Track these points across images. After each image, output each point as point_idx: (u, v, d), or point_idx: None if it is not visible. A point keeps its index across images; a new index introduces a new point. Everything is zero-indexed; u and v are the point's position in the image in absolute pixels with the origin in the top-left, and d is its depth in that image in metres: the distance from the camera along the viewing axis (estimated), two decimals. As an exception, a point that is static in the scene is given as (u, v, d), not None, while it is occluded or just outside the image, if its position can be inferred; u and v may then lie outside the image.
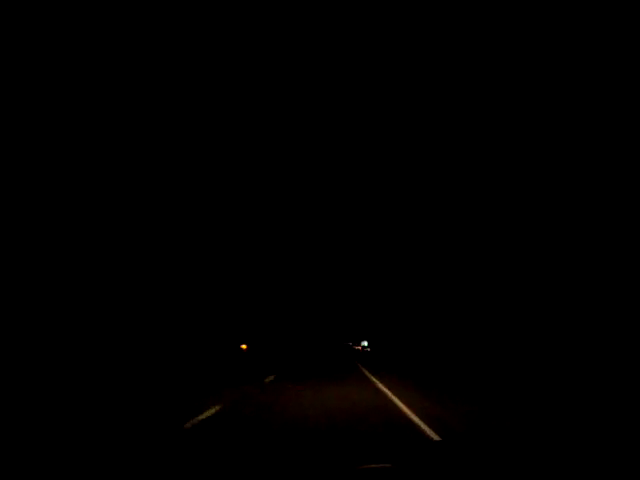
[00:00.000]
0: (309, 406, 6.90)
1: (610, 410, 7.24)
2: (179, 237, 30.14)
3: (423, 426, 5.39)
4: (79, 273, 20.43)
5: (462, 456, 1.99)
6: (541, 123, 20.38)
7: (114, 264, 22.89)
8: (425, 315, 37.98)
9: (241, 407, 6.89)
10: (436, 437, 4.77)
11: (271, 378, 11.64)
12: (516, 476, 1.69)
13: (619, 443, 4.60)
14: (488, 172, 24.16)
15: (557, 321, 18.25)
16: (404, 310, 46.68)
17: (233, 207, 40.16)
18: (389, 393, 9.05)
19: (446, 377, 14.48)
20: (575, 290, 17.68)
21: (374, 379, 12.79)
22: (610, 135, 17.21)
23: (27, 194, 18.31)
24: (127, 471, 1.70)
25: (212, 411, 6.07)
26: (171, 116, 26.84)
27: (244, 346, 42.35)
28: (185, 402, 7.05)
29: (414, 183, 34.16)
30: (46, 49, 19.24)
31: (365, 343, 77.19)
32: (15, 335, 15.46)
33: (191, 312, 33.16)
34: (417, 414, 6.24)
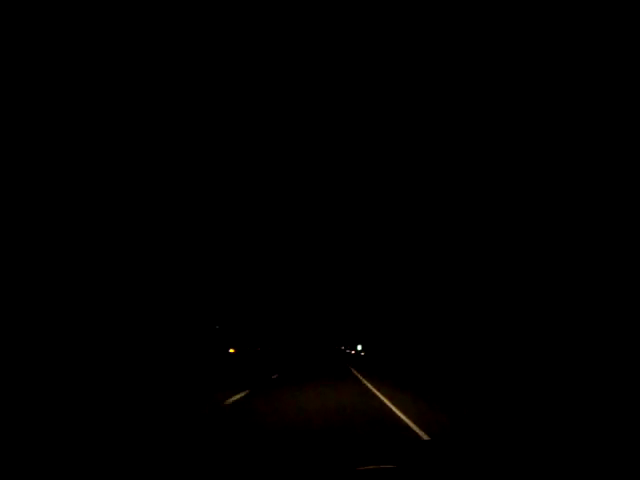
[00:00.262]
0: (307, 416, 7.19)
1: (603, 410, 7.62)
2: (170, 237, 30.31)
3: (414, 426, 5.76)
4: (65, 272, 20.54)
5: (450, 455, 2.21)
6: (541, 123, 20.70)
7: (102, 260, 23.02)
8: (419, 319, 38.28)
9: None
10: (425, 437, 5.15)
11: (243, 394, 9.23)
12: (506, 474, 1.79)
13: (610, 441, 4.94)
14: (485, 176, 24.51)
15: (551, 326, 18.60)
16: (398, 314, 46.96)
17: (227, 209, 40.35)
18: (383, 398, 9.38)
19: (439, 380, 14.83)
20: (572, 291, 17.99)
21: (370, 385, 13.07)
22: (610, 135, 17.54)
23: (26, 194, 18.53)
24: None
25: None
26: (171, 116, 27.08)
27: (232, 350, 42.02)
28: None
29: (409, 188, 34.50)
30: (46, 49, 19.47)
31: (359, 347, 77.14)
32: (16, 336, 15.63)
33: (180, 313, 33.19)
34: (408, 416, 6.61)
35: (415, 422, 6.12)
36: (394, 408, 7.64)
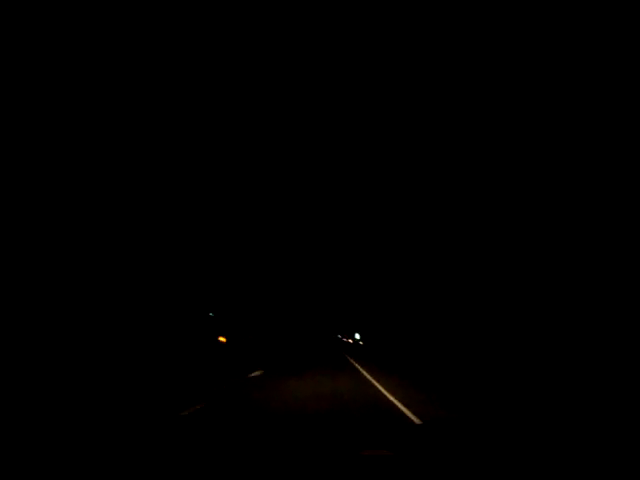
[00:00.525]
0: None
1: (601, 407, 7.85)
2: (167, 225, 30.46)
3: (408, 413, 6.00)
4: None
5: (441, 438, 2.33)
6: (541, 123, 20.81)
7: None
8: (418, 307, 38.57)
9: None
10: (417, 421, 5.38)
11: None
12: (492, 457, 1.88)
13: (607, 439, 5.11)
14: (487, 168, 24.65)
15: (551, 316, 18.84)
16: (397, 302, 47.26)
17: (223, 195, 40.47)
18: (384, 391, 9.60)
19: (440, 371, 15.13)
20: (570, 289, 18.21)
21: (368, 375, 13.29)
22: (610, 135, 17.66)
23: (26, 194, 18.68)
24: None
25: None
26: (171, 116, 27.13)
27: (223, 339, 40.92)
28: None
29: (406, 176, 34.62)
30: (46, 49, 19.45)
31: (357, 336, 77.14)
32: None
33: (173, 300, 33.20)
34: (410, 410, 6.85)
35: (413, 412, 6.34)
36: (394, 399, 7.87)
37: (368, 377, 11.71)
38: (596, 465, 1.82)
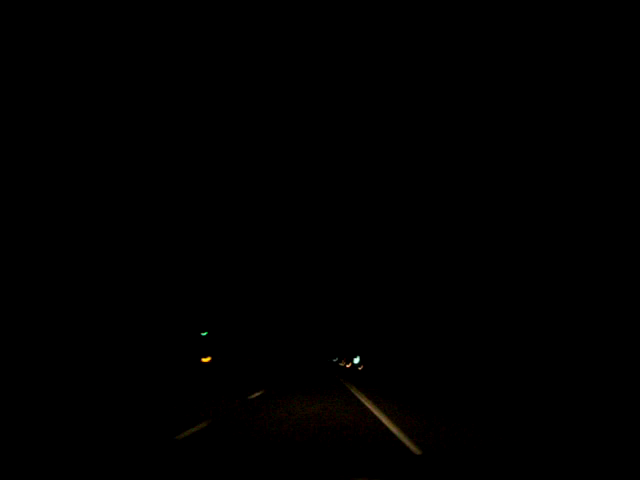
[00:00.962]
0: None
1: (602, 420, 7.80)
2: (163, 240, 30.44)
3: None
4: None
5: (443, 470, 2.29)
6: (541, 123, 20.98)
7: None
8: (420, 327, 38.24)
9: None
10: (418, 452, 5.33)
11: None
12: None
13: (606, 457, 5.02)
14: (483, 187, 24.75)
15: (552, 335, 18.76)
16: (398, 323, 46.84)
17: (221, 212, 40.59)
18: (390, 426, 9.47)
19: (444, 396, 14.98)
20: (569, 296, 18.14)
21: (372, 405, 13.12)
22: (610, 135, 17.82)
23: (26, 194, 18.76)
24: None
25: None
26: (171, 116, 27.37)
27: (206, 359, 38.96)
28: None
29: (407, 197, 34.78)
30: (46, 49, 19.74)
31: (357, 360, 75.09)
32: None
33: (165, 318, 32.80)
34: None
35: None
36: (392, 427, 7.79)
37: (366, 404, 11.58)
38: None
